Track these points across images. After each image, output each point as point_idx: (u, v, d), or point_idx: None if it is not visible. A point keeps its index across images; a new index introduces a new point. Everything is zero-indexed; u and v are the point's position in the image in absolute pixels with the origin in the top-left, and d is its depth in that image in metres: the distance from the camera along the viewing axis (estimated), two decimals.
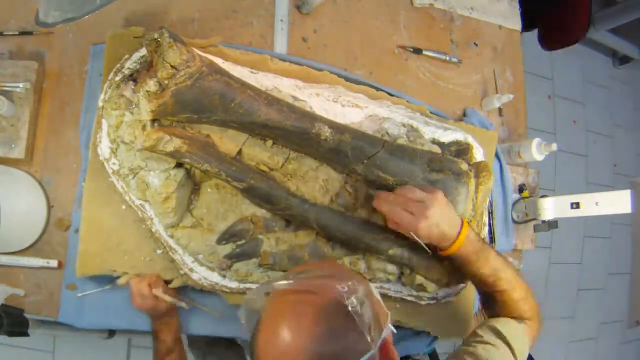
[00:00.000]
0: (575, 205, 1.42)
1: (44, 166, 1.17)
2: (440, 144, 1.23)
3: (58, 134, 1.18)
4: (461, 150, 1.25)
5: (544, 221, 1.49)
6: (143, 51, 1.03)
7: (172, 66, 0.88)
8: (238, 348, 1.67)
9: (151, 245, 1.09)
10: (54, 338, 2.10)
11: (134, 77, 1.01)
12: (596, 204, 1.39)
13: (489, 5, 1.64)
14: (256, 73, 1.11)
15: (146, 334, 1.16)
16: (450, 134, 1.25)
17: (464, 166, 1.11)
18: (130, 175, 1.01)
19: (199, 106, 0.93)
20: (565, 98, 3.33)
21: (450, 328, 1.36)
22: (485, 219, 1.38)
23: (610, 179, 3.41)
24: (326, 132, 1.01)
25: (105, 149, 1.02)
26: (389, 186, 1.07)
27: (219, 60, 1.06)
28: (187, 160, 0.94)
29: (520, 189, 1.59)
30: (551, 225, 1.49)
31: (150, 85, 0.90)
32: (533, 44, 2.44)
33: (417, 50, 1.48)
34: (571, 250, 3.26)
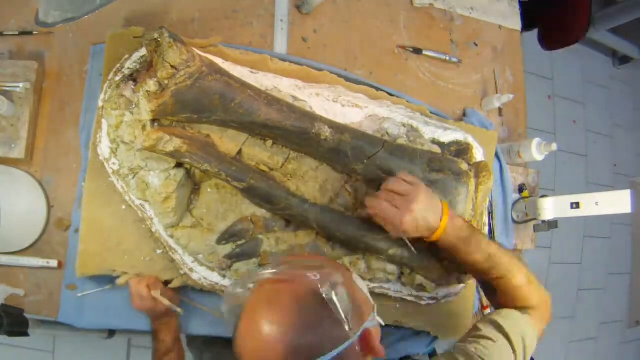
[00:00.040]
0: (575, 205, 1.42)
1: (44, 166, 1.17)
2: (440, 144, 1.23)
3: (58, 134, 1.18)
4: (461, 150, 1.25)
5: (544, 221, 1.49)
6: (143, 51, 1.03)
7: (172, 66, 0.88)
8: None
9: (151, 245, 1.09)
10: (54, 338, 2.09)
11: (134, 77, 1.01)
12: (596, 204, 1.39)
13: (489, 5, 1.64)
14: (256, 73, 1.11)
15: (146, 334, 1.16)
16: (450, 134, 1.25)
17: (464, 166, 1.11)
18: (130, 175, 1.01)
19: (199, 106, 0.93)
20: (565, 98, 3.33)
21: (450, 328, 1.36)
22: (485, 218, 1.38)
23: (610, 179, 3.41)
24: (326, 132, 1.01)
25: (105, 149, 1.02)
26: None
27: (219, 60, 1.06)
28: (187, 160, 0.94)
29: (520, 189, 1.59)
30: (551, 225, 1.49)
31: (150, 85, 0.90)
32: (533, 44, 2.43)
33: (417, 50, 1.48)
34: (571, 250, 3.26)
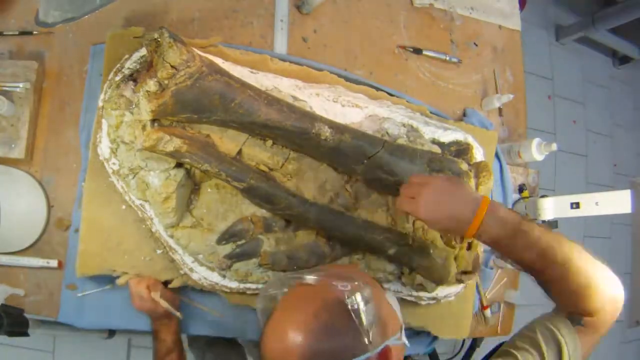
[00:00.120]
0: (575, 205, 1.42)
1: (44, 166, 1.17)
2: (440, 144, 1.23)
3: (58, 134, 1.18)
4: (461, 150, 1.25)
5: (544, 221, 1.49)
6: (143, 51, 1.03)
7: (172, 66, 0.88)
8: (238, 347, 1.67)
9: (151, 245, 1.09)
10: (54, 338, 2.09)
11: (134, 77, 1.01)
12: (596, 204, 1.38)
13: (489, 5, 1.64)
14: (256, 73, 1.11)
15: (146, 334, 1.16)
16: (450, 134, 1.25)
17: (464, 166, 1.11)
18: (130, 175, 1.01)
19: (199, 106, 0.93)
20: (565, 98, 3.33)
21: (450, 328, 1.36)
22: None
23: (610, 179, 3.41)
24: (326, 132, 1.01)
25: (105, 149, 1.02)
26: (389, 186, 1.07)
27: (219, 60, 1.06)
28: (187, 160, 0.94)
29: (520, 189, 1.59)
30: (551, 225, 1.49)
31: (150, 85, 0.90)
32: (533, 44, 2.43)
33: (417, 50, 1.48)
34: None
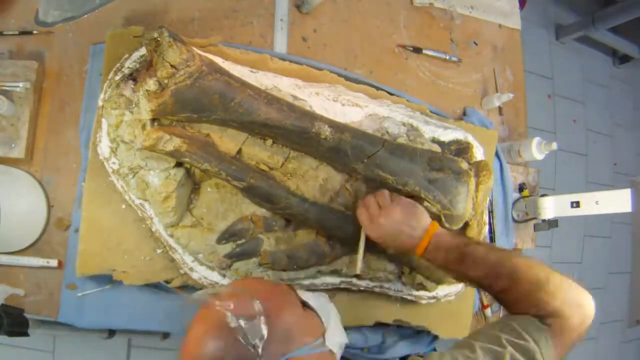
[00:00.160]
0: (576, 204, 1.42)
1: (44, 166, 1.17)
2: (440, 143, 1.23)
3: (58, 134, 1.18)
4: (461, 149, 1.25)
5: (544, 220, 1.49)
6: (143, 50, 1.03)
7: (172, 65, 0.88)
8: None
9: (151, 244, 1.09)
10: (54, 338, 2.09)
11: (133, 77, 1.01)
12: (596, 203, 1.38)
13: (489, 4, 1.64)
14: (256, 72, 1.11)
15: (146, 334, 1.16)
16: (450, 133, 1.25)
17: (464, 165, 1.11)
18: (130, 174, 1.01)
19: (199, 105, 0.93)
20: (565, 97, 3.33)
21: (450, 327, 1.36)
22: (486, 218, 1.38)
23: (610, 178, 3.41)
24: (326, 131, 1.01)
25: (105, 149, 1.02)
26: (388, 185, 1.07)
27: (218, 60, 1.06)
28: (187, 159, 0.94)
29: (521, 188, 1.59)
30: (551, 224, 1.49)
31: (150, 84, 0.90)
32: (533, 43, 2.43)
33: (417, 50, 1.48)
34: (571, 249, 3.26)
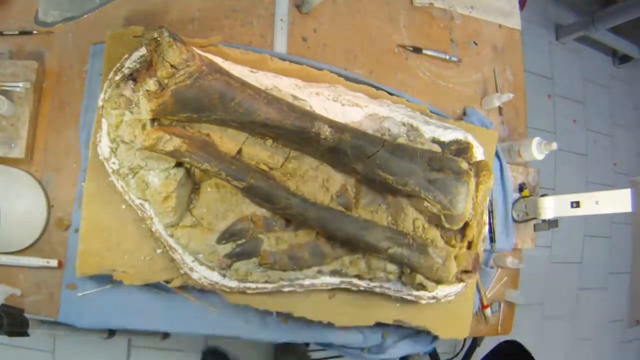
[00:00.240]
0: (576, 204, 1.42)
1: (43, 166, 1.17)
2: (441, 143, 1.23)
3: (58, 134, 1.18)
4: (461, 149, 1.25)
5: (544, 220, 1.49)
6: (143, 50, 1.03)
7: (172, 65, 0.88)
8: None
9: (151, 244, 1.09)
10: (54, 338, 2.09)
11: (133, 77, 1.01)
12: (596, 203, 1.38)
13: (489, 4, 1.64)
14: (256, 72, 1.11)
15: (146, 334, 1.16)
16: (450, 133, 1.25)
17: (464, 165, 1.11)
18: (130, 174, 1.01)
19: (199, 105, 0.93)
20: (565, 97, 3.33)
21: (450, 327, 1.36)
22: (486, 218, 1.38)
23: (610, 178, 3.41)
24: (326, 131, 1.01)
25: (105, 149, 1.01)
26: (388, 185, 1.07)
27: (218, 60, 1.06)
28: (187, 159, 0.94)
29: (521, 188, 1.59)
30: (551, 224, 1.49)
31: (150, 84, 0.90)
32: (533, 43, 2.43)
33: (417, 49, 1.48)
34: (571, 249, 3.26)
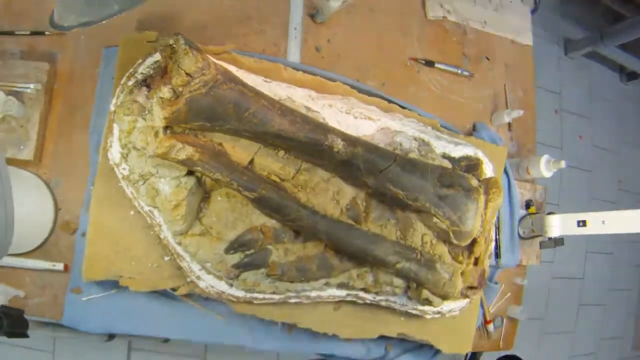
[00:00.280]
0: (582, 223, 1.41)
1: (52, 168, 1.16)
2: (451, 159, 1.22)
3: (68, 137, 1.17)
4: (471, 165, 1.24)
5: (550, 238, 1.48)
6: (157, 56, 1.03)
7: (187, 73, 0.88)
8: None
9: (159, 251, 1.08)
10: (54, 339, 2.09)
11: (147, 83, 1.00)
12: (603, 222, 1.37)
13: (502, 20, 1.64)
14: (270, 82, 1.11)
15: (147, 337, 1.16)
16: (460, 149, 1.25)
17: (474, 182, 1.10)
18: (141, 181, 1.00)
19: (213, 114, 0.93)
20: (572, 112, 3.32)
21: (453, 342, 1.36)
22: (492, 234, 1.37)
23: (614, 195, 3.40)
24: (339, 145, 1.00)
25: (115, 154, 1.01)
26: (399, 200, 1.06)
27: (232, 68, 1.06)
28: (199, 168, 0.94)
29: (527, 205, 1.58)
30: (557, 242, 1.48)
31: (165, 92, 0.89)
32: (542, 58, 2.43)
33: (430, 63, 1.48)
34: (574, 265, 3.25)
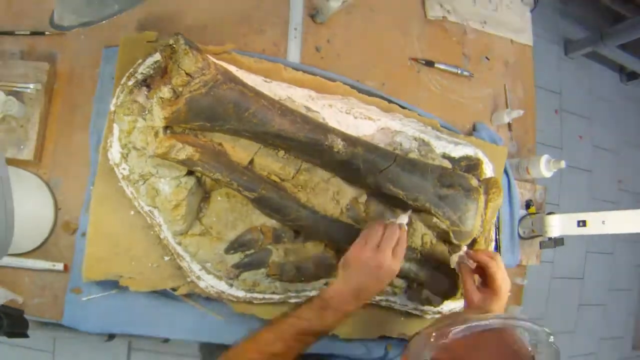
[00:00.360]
0: (582, 223, 1.41)
1: (52, 168, 1.16)
2: (451, 159, 1.23)
3: (68, 136, 1.17)
4: (471, 165, 1.25)
5: (550, 238, 1.48)
6: (157, 56, 1.03)
7: (187, 73, 0.88)
8: None
9: (159, 251, 1.08)
10: (54, 339, 2.09)
11: (147, 83, 1.00)
12: (603, 222, 1.37)
13: (502, 20, 1.64)
14: (270, 82, 1.11)
15: (147, 337, 1.16)
16: (460, 149, 1.25)
17: (474, 182, 1.10)
18: (141, 181, 1.00)
19: (213, 114, 0.93)
20: (572, 112, 3.33)
21: None
22: (492, 234, 1.37)
23: (614, 195, 3.41)
24: (339, 145, 1.00)
25: (115, 154, 1.01)
26: (399, 200, 1.06)
27: (232, 68, 1.06)
28: (199, 168, 0.94)
29: (527, 205, 1.58)
30: (557, 242, 1.48)
31: (165, 92, 0.89)
32: (542, 57, 2.43)
33: (429, 63, 1.48)
34: (573, 265, 3.26)
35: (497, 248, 1.49)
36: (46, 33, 1.19)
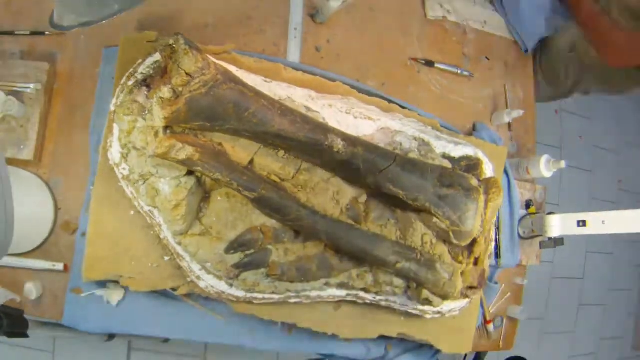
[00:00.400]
0: (582, 223, 1.41)
1: (52, 168, 1.16)
2: (451, 159, 1.22)
3: (68, 136, 1.17)
4: (471, 165, 1.24)
5: (550, 238, 1.48)
6: (156, 56, 1.03)
7: (187, 73, 0.88)
8: None
9: (159, 251, 1.08)
10: (54, 339, 2.09)
11: (147, 83, 1.00)
12: (603, 222, 1.37)
13: (502, 20, 1.64)
14: (270, 82, 1.11)
15: (147, 337, 1.16)
16: (460, 149, 1.25)
17: (474, 182, 1.10)
18: (141, 181, 1.00)
19: (213, 114, 0.93)
20: (572, 112, 3.32)
21: (453, 342, 1.36)
22: (493, 234, 1.37)
23: (614, 195, 3.41)
24: (339, 145, 1.00)
25: (115, 154, 1.01)
26: (399, 200, 1.06)
27: (232, 68, 1.06)
28: (199, 168, 0.94)
29: (527, 205, 1.58)
30: (557, 242, 1.48)
31: (165, 92, 0.89)
32: None
33: (430, 63, 1.48)
34: (573, 265, 3.26)
35: (497, 248, 1.49)
36: (46, 33, 1.19)
